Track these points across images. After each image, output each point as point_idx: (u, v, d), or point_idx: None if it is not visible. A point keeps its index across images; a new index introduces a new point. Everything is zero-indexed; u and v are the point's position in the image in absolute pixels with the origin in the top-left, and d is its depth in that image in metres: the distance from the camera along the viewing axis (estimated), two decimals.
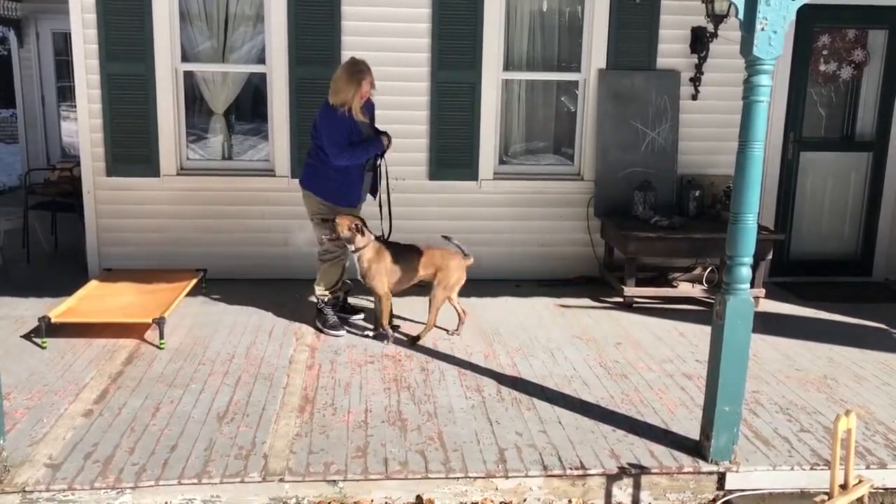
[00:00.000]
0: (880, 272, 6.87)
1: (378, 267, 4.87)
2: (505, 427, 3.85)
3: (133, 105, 6.02)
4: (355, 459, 3.50)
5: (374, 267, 4.86)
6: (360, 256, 4.86)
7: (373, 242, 4.89)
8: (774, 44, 3.18)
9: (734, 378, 3.47)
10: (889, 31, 6.52)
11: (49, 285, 5.95)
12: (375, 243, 4.91)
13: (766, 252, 5.89)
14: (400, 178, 6.30)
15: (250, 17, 6.20)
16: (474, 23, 6.10)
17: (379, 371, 4.52)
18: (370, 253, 4.86)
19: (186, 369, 4.48)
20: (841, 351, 5.08)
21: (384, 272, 4.90)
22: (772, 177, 6.52)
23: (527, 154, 6.67)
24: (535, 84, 6.55)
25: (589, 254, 6.54)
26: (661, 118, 6.33)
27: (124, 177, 6.12)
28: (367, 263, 4.86)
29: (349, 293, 5.50)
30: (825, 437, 3.83)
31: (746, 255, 3.36)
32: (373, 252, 4.87)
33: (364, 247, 4.84)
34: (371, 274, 4.87)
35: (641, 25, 6.22)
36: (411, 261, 4.96)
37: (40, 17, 10.03)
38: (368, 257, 4.86)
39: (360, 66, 4.85)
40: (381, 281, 4.90)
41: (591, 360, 4.79)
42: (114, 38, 5.90)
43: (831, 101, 6.73)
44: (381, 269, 4.88)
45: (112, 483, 3.27)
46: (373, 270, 4.86)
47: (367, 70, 4.85)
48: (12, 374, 4.33)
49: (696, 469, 3.54)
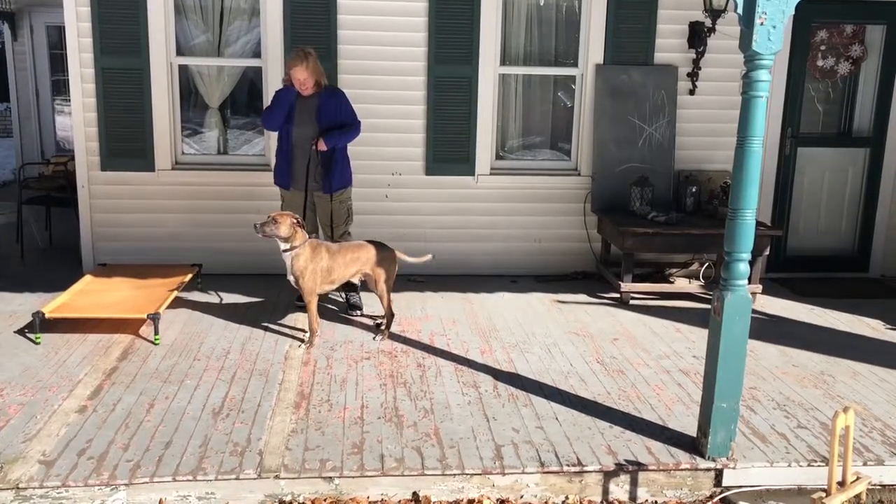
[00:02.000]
0: (877, 268, 6.87)
1: (314, 267, 4.74)
2: (501, 423, 3.84)
3: (128, 99, 5.99)
4: (351, 456, 3.48)
5: (309, 267, 4.72)
6: (297, 255, 4.70)
7: (309, 241, 4.76)
8: (774, 39, 3.16)
9: (732, 374, 3.45)
10: (887, 27, 6.51)
11: (43, 280, 5.92)
12: (312, 241, 4.80)
13: (764, 248, 5.88)
14: (396, 173, 6.30)
15: (245, 11, 6.17)
16: (471, 17, 6.07)
17: (375, 367, 4.51)
18: (307, 251, 4.73)
19: (181, 365, 4.46)
20: (837, 347, 5.08)
21: (318, 272, 4.77)
22: (769, 173, 6.51)
23: (523, 149, 6.66)
24: (532, 79, 6.53)
25: (586, 249, 6.53)
26: (658, 113, 6.32)
27: (119, 171, 6.10)
28: (304, 263, 4.71)
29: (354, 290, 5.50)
30: (822, 433, 3.83)
31: (744, 250, 3.35)
32: (309, 251, 4.74)
33: (299, 245, 4.70)
34: (305, 274, 4.72)
35: (639, 20, 6.20)
36: (344, 257, 4.87)
37: (34, 11, 9.97)
38: (305, 256, 4.71)
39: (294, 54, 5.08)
40: (313, 281, 4.76)
41: (587, 356, 4.78)
42: (108, 32, 5.87)
43: (829, 97, 6.72)
44: (315, 269, 4.75)
45: (106, 480, 3.25)
46: (308, 271, 4.72)
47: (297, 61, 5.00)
48: (6, 369, 4.31)
49: (693, 465, 3.53)
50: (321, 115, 5.20)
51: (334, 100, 5.25)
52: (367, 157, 6.22)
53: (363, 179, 6.26)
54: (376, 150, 6.22)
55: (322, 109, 5.19)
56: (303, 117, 5.19)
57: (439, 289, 6.06)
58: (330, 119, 5.20)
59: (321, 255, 4.78)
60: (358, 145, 6.19)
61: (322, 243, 4.87)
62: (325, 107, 5.20)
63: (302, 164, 5.21)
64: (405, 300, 5.74)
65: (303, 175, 5.22)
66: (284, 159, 5.29)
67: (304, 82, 5.07)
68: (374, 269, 4.94)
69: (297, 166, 5.24)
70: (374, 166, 6.25)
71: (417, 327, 5.21)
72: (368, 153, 6.21)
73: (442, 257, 6.42)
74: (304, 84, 5.08)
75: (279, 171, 5.34)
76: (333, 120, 5.21)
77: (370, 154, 6.22)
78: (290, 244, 4.68)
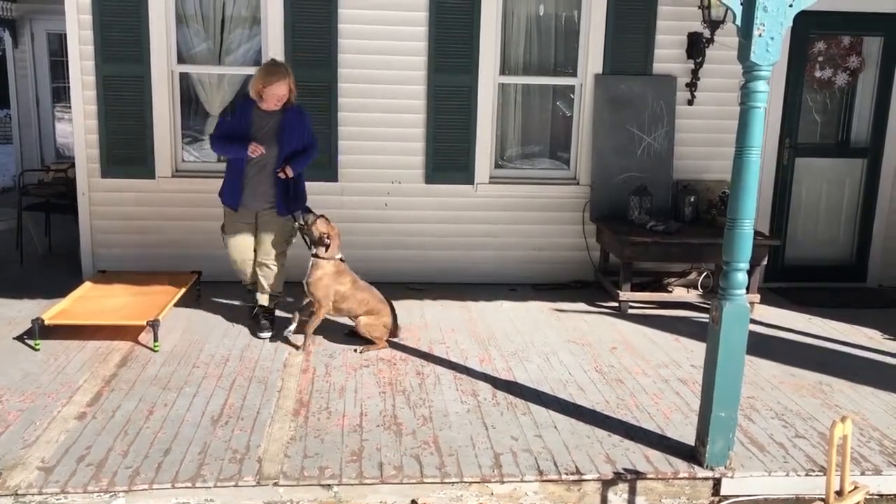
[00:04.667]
0: (874, 278, 6.89)
1: (329, 284, 4.78)
2: (500, 431, 3.84)
3: (128, 106, 6.00)
4: (350, 463, 3.49)
5: (325, 282, 4.77)
6: (319, 266, 4.77)
7: (335, 260, 4.81)
8: (772, 50, 3.19)
9: (730, 383, 3.46)
10: (884, 39, 6.55)
11: (42, 287, 5.92)
12: (339, 263, 4.84)
13: (762, 257, 5.89)
14: (396, 182, 6.31)
15: (246, 19, 6.19)
16: (471, 26, 6.10)
17: (374, 375, 4.51)
18: (331, 269, 4.79)
19: (181, 372, 4.46)
20: (835, 357, 5.09)
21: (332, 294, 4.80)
22: (767, 182, 6.53)
23: (523, 158, 6.68)
24: (532, 88, 6.56)
25: (584, 258, 6.54)
26: (657, 123, 6.34)
27: (119, 178, 6.10)
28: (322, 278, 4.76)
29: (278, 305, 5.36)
30: (820, 442, 3.84)
31: (743, 260, 3.36)
32: (332, 269, 4.79)
33: (325, 260, 4.77)
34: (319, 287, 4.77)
35: (638, 31, 6.23)
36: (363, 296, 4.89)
37: (35, 18, 10.00)
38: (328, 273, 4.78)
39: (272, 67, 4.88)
40: (327, 296, 4.79)
41: (586, 365, 4.78)
42: (109, 39, 5.89)
43: (826, 108, 6.75)
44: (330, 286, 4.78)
45: (105, 486, 3.25)
46: (322, 285, 4.77)
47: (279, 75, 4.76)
48: (5, 376, 4.31)
49: (691, 474, 3.53)
50: (285, 136, 4.88)
51: (301, 120, 4.97)
52: (366, 165, 6.24)
53: (362, 188, 6.29)
54: (376, 159, 6.24)
55: (286, 130, 4.88)
56: (265, 135, 4.84)
57: (438, 297, 6.07)
58: (296, 141, 4.92)
59: (344, 280, 4.82)
60: (358, 153, 6.24)
61: (351, 272, 4.89)
62: (290, 127, 4.89)
63: (257, 185, 4.92)
64: (404, 308, 5.74)
65: (256, 196, 4.95)
66: (238, 179, 4.93)
67: (282, 98, 4.79)
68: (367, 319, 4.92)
69: (252, 186, 4.93)
70: (374, 174, 6.27)
71: (416, 335, 5.22)
72: (368, 161, 6.23)
73: (441, 265, 6.46)
74: (281, 100, 4.80)
75: (230, 190, 4.99)
76: (299, 142, 4.94)
77: (370, 162, 6.24)
78: (315, 250, 4.78)
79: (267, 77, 4.76)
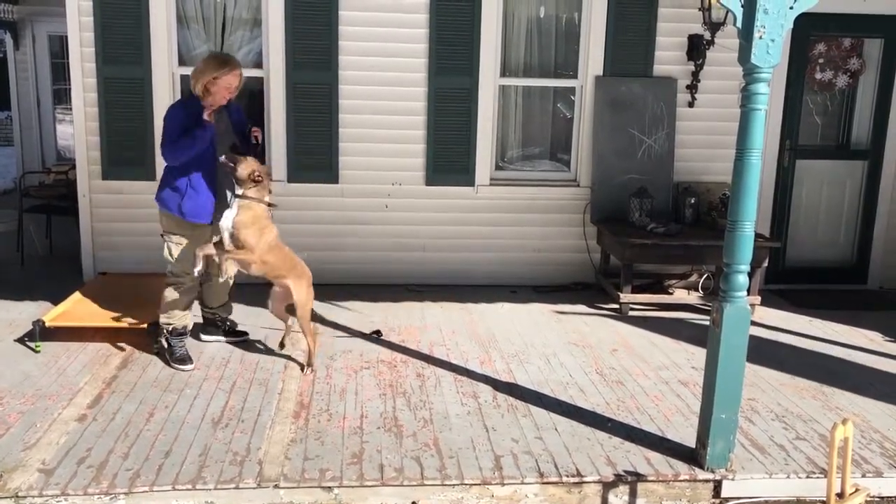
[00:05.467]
0: (875, 280, 6.89)
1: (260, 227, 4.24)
2: (501, 433, 3.84)
3: (129, 108, 6.01)
4: (351, 466, 3.49)
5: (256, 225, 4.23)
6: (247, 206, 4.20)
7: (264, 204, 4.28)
8: (772, 52, 3.19)
9: (731, 385, 3.46)
10: (884, 41, 6.55)
11: (43, 289, 5.92)
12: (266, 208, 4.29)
13: (762, 259, 5.89)
14: (396, 184, 6.31)
15: (247, 21, 6.20)
16: (471, 29, 6.10)
17: (374, 377, 4.51)
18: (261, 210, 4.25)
19: (181, 374, 4.46)
20: (836, 359, 5.09)
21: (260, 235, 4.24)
22: (767, 184, 6.53)
23: (523, 160, 6.68)
24: (532, 90, 6.56)
25: (585, 260, 6.54)
26: (657, 125, 6.34)
27: (120, 180, 6.11)
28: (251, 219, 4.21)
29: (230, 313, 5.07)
30: (821, 444, 3.84)
31: (743, 262, 3.36)
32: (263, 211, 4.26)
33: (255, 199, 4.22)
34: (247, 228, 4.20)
35: (638, 33, 6.24)
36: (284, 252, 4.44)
37: (36, 20, 10.00)
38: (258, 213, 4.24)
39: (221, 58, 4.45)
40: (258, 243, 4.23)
41: (587, 367, 4.78)
42: (111, 41, 5.89)
43: (827, 110, 6.76)
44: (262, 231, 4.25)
45: (105, 489, 3.25)
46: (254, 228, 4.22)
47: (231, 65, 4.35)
48: (6, 378, 4.31)
49: (692, 476, 3.53)
50: (234, 124, 4.57)
51: (237, 108, 4.67)
52: (367, 167, 6.25)
53: (363, 189, 6.29)
54: (377, 161, 6.24)
55: (233, 116, 4.58)
56: (222, 134, 4.46)
57: (438, 298, 6.07)
58: (243, 124, 4.61)
59: (273, 229, 4.33)
60: (358, 155, 6.24)
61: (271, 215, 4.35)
62: (235, 113, 4.61)
63: (224, 188, 4.43)
64: (404, 310, 5.75)
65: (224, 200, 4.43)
66: (209, 190, 4.41)
67: (233, 91, 4.41)
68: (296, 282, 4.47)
69: (222, 192, 4.45)
70: (375, 176, 6.27)
71: (417, 337, 5.22)
72: (369, 163, 6.23)
73: (441, 267, 6.45)
74: (233, 93, 4.42)
75: (201, 207, 4.40)
76: (245, 125, 4.61)
77: (370, 164, 6.24)
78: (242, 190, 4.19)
79: (219, 67, 4.31)
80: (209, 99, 4.35)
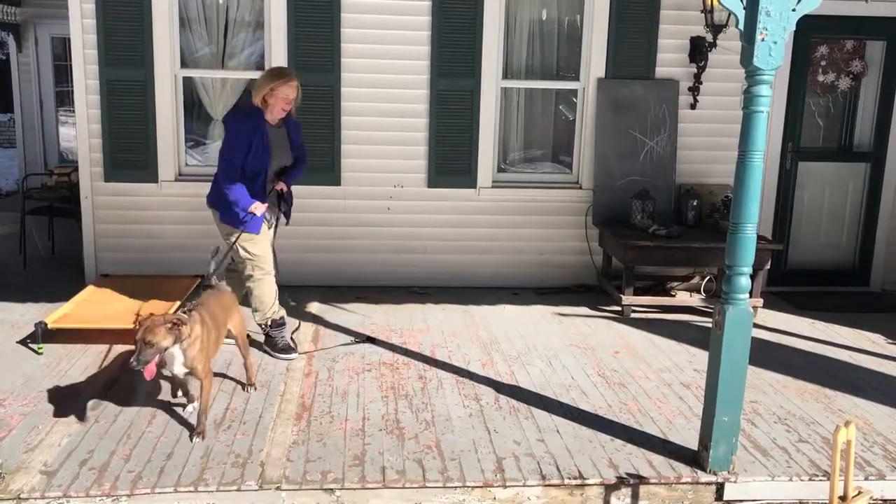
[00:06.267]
0: (878, 282, 6.87)
1: (202, 353, 3.70)
2: (503, 436, 3.84)
3: (132, 110, 6.01)
4: (352, 468, 3.49)
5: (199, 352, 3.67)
6: (191, 344, 3.62)
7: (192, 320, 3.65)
8: (775, 54, 3.18)
9: (733, 388, 3.46)
10: (887, 43, 6.54)
11: (46, 291, 5.93)
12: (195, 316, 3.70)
13: (765, 262, 5.89)
14: (399, 185, 6.32)
15: (250, 23, 6.20)
16: (473, 31, 6.10)
17: (376, 379, 4.51)
18: (197, 330, 3.66)
19: None
20: (838, 361, 5.08)
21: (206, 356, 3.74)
22: (770, 186, 6.52)
23: (525, 162, 6.68)
24: (534, 92, 6.56)
25: (587, 262, 6.53)
26: (659, 127, 6.34)
27: (122, 182, 6.11)
28: (199, 345, 3.67)
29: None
30: (824, 447, 3.83)
31: (746, 264, 3.36)
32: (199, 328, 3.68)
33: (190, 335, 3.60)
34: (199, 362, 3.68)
35: (640, 35, 6.23)
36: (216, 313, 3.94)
37: (39, 22, 10.03)
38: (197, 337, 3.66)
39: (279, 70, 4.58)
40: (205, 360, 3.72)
41: (588, 369, 4.78)
42: (113, 44, 5.90)
43: (829, 112, 6.75)
44: (203, 356, 3.71)
45: (107, 490, 3.25)
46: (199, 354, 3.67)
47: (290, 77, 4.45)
48: (8, 380, 4.32)
49: (694, 479, 3.53)
50: (293, 146, 4.69)
51: (297, 126, 4.72)
52: (369, 169, 6.25)
53: (366, 192, 6.30)
54: (379, 163, 6.25)
55: (292, 138, 4.68)
56: (280, 150, 4.57)
57: (440, 301, 6.07)
58: (300, 149, 4.71)
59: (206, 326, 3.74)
60: (360, 157, 6.25)
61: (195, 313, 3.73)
62: (294, 135, 4.69)
63: (272, 201, 4.64)
64: (406, 312, 5.75)
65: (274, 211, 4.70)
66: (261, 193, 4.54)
67: (290, 102, 4.46)
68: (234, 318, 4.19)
69: (271, 205, 4.64)
70: (377, 178, 6.28)
71: (418, 339, 5.22)
72: (371, 165, 6.24)
73: (443, 269, 6.45)
74: (290, 104, 4.47)
75: (258, 220, 4.54)
76: (301, 147, 4.72)
77: (373, 166, 6.24)
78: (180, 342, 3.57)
79: (275, 78, 4.44)
80: (268, 113, 4.49)
